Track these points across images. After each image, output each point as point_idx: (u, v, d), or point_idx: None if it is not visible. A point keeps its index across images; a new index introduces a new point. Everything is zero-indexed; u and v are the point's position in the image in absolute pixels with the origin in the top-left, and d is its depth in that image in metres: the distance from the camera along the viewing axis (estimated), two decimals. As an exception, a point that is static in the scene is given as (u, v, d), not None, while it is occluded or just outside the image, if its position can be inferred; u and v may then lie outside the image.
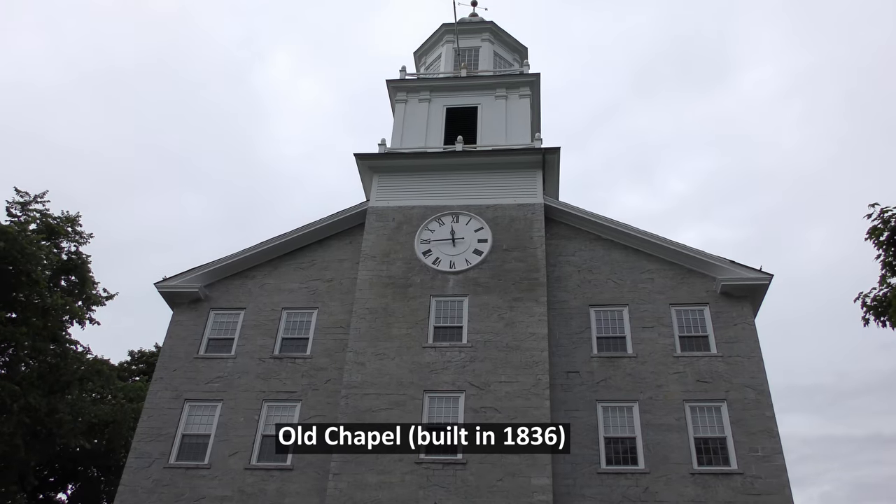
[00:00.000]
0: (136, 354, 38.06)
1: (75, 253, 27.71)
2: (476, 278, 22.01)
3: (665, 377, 20.26)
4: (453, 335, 21.10)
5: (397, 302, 21.73)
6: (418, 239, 22.99)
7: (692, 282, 21.98)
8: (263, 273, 23.61)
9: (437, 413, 19.73)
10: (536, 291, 21.51)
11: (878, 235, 13.51)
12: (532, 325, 20.88)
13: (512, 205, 23.39)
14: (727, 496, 18.25)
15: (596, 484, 18.74)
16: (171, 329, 22.81)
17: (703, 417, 19.63)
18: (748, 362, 20.29)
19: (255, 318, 22.62)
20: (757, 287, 21.41)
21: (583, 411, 19.88)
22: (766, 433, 19.08)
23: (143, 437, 20.71)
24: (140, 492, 19.70)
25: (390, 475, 18.67)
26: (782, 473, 18.51)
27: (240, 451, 20.10)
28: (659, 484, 18.59)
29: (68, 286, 27.87)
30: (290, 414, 20.70)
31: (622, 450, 19.36)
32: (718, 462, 18.92)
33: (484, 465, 18.63)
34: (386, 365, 20.55)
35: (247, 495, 19.35)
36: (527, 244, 22.49)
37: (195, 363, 21.94)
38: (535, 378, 19.92)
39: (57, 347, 26.17)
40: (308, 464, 19.66)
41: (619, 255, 22.75)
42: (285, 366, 21.57)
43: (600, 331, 21.42)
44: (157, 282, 23.17)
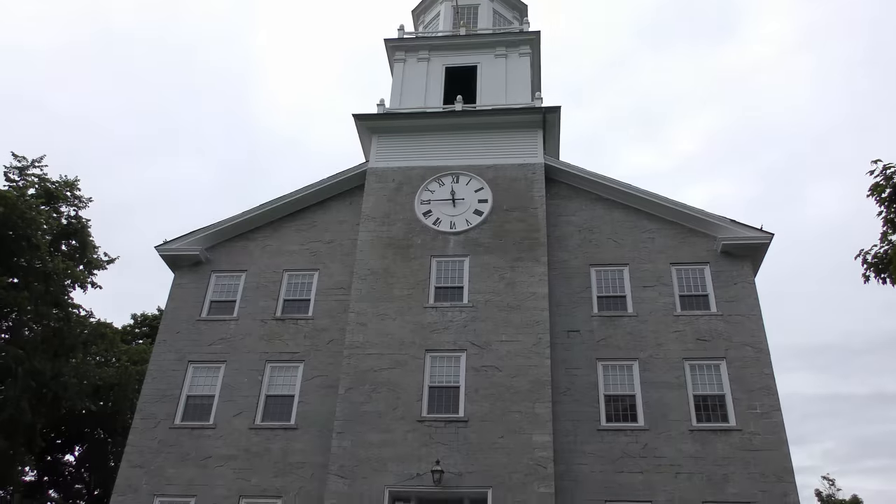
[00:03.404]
0: (138, 318, 38.27)
1: (75, 217, 27.71)
2: (476, 238, 22.01)
3: (665, 336, 20.39)
4: (454, 295, 21.18)
5: (398, 263, 21.77)
6: (418, 200, 22.93)
7: (693, 241, 21.98)
8: (264, 235, 23.61)
9: (439, 372, 19.91)
10: (537, 251, 21.53)
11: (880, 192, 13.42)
12: (532, 284, 20.94)
13: (512, 165, 23.28)
14: (725, 452, 18.51)
15: (596, 441, 18.99)
16: (172, 292, 22.89)
17: (702, 375, 19.80)
18: (748, 321, 20.40)
19: (256, 280, 22.69)
20: (758, 246, 21.42)
21: (583, 370, 20.05)
22: (765, 391, 19.27)
23: (148, 398, 20.93)
24: (147, 452, 19.98)
25: (393, 433, 18.91)
26: (780, 430, 18.73)
27: (244, 411, 20.33)
28: (658, 440, 18.83)
29: (69, 251, 27.93)
30: (293, 374, 20.89)
31: (622, 407, 19.57)
32: (717, 419, 19.14)
33: (485, 423, 18.85)
34: (387, 325, 20.67)
35: (252, 454, 19.63)
36: (527, 204, 22.45)
37: (198, 325, 22.07)
38: (535, 337, 20.05)
39: (60, 312, 26.31)
40: (311, 423, 19.89)
41: (620, 215, 22.71)
42: (287, 327, 21.70)
43: (601, 290, 21.49)
44: (157, 245, 23.19)
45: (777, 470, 18.13)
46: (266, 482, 19.19)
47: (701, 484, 18.13)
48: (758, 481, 18.02)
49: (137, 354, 31.41)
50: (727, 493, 17.97)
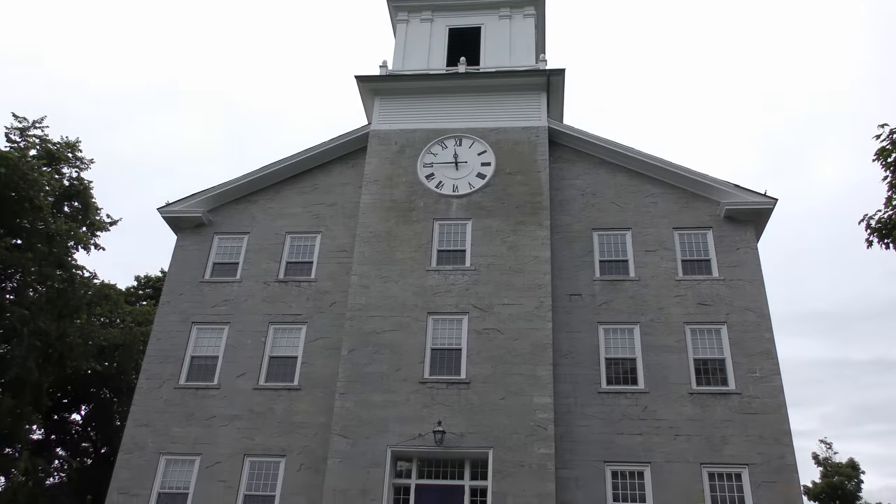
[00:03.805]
0: (142, 280, 38.42)
1: (77, 179, 27.66)
2: (479, 202, 21.97)
3: (666, 300, 20.45)
4: (456, 258, 21.22)
5: (400, 226, 21.77)
6: (421, 163, 22.84)
7: (696, 206, 21.92)
8: (266, 198, 23.58)
9: (441, 335, 20.04)
10: (539, 215, 21.50)
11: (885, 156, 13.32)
12: (535, 248, 20.96)
13: (515, 128, 23.13)
14: (724, 415, 18.69)
15: (596, 403, 19.18)
16: (175, 254, 22.96)
17: (702, 339, 19.91)
18: (749, 286, 20.44)
19: (258, 243, 22.72)
20: (761, 211, 21.36)
21: (584, 333, 20.16)
22: (765, 355, 19.39)
23: (153, 359, 21.13)
24: (152, 411, 20.24)
25: (395, 395, 19.11)
26: (779, 394, 18.89)
27: (248, 372, 20.52)
28: (658, 403, 19.02)
29: (71, 212, 27.94)
30: (297, 336, 21.04)
31: (622, 370, 19.73)
32: (717, 382, 19.30)
33: (487, 385, 19.03)
34: (390, 288, 20.75)
35: (256, 414, 19.87)
36: (530, 168, 22.35)
37: (201, 287, 22.17)
38: (537, 300, 20.13)
39: (63, 273, 26.42)
40: (315, 384, 20.10)
41: (624, 179, 22.62)
42: (290, 289, 21.79)
43: (603, 254, 21.50)
44: (160, 207, 23.18)
45: (775, 433, 18.33)
46: (270, 441, 19.46)
47: (699, 446, 18.35)
48: (756, 444, 18.23)
49: (141, 316, 31.59)
50: (725, 455, 18.20)
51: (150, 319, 28.64)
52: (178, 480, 19.33)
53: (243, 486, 19.04)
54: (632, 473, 18.31)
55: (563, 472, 18.21)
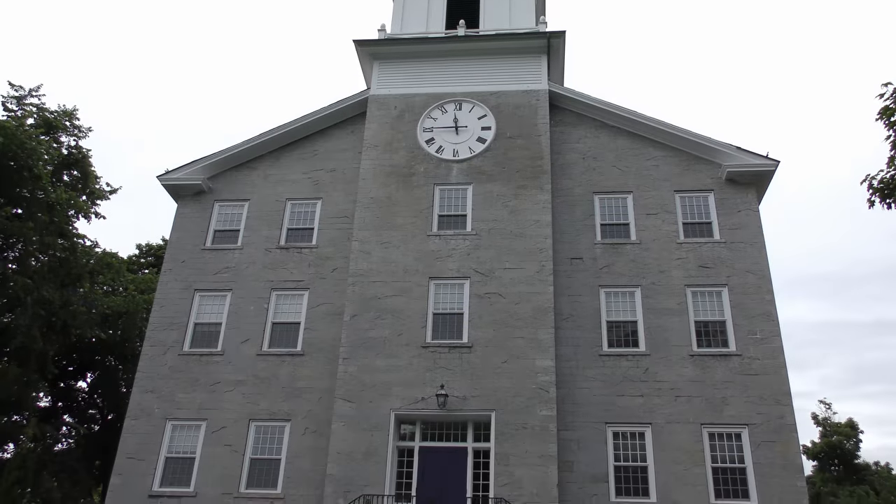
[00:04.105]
0: (143, 248, 38.44)
1: (75, 147, 27.53)
2: (480, 166, 21.89)
3: (668, 263, 20.49)
4: (457, 223, 21.21)
5: (401, 191, 21.73)
6: (421, 127, 22.71)
7: (697, 168, 21.84)
8: (266, 164, 23.50)
9: (443, 299, 20.12)
10: (540, 179, 21.44)
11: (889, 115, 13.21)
12: (536, 212, 20.94)
13: (516, 91, 22.94)
14: (725, 376, 18.85)
15: (598, 365, 19.34)
16: (176, 222, 22.95)
17: (703, 302, 20.00)
18: (751, 248, 20.46)
19: (259, 210, 22.71)
20: (762, 174, 21.28)
21: (586, 296, 20.24)
22: (765, 317, 19.48)
23: (157, 326, 21.25)
24: (157, 378, 20.42)
25: (398, 359, 19.26)
26: (779, 355, 19.03)
27: (251, 338, 20.65)
28: (659, 365, 19.17)
29: (71, 181, 27.86)
30: (299, 302, 21.13)
31: (624, 333, 19.84)
32: (717, 344, 19.43)
33: (489, 349, 19.17)
34: (391, 253, 20.78)
35: (260, 379, 20.06)
36: (531, 131, 22.22)
37: (203, 254, 22.21)
38: (538, 264, 20.17)
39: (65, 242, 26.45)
40: (318, 350, 20.24)
41: (625, 142, 22.51)
42: (292, 255, 21.83)
43: (604, 218, 21.49)
44: (159, 174, 23.12)
45: (775, 393, 18.50)
46: (275, 406, 19.67)
47: (700, 407, 18.54)
48: (756, 404, 18.42)
49: (144, 284, 31.68)
50: (725, 415, 18.40)
51: (153, 287, 28.73)
52: (184, 445, 19.59)
53: (249, 450, 19.29)
54: (633, 434, 18.53)
55: (564, 434, 18.43)
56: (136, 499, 18.90)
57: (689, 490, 17.66)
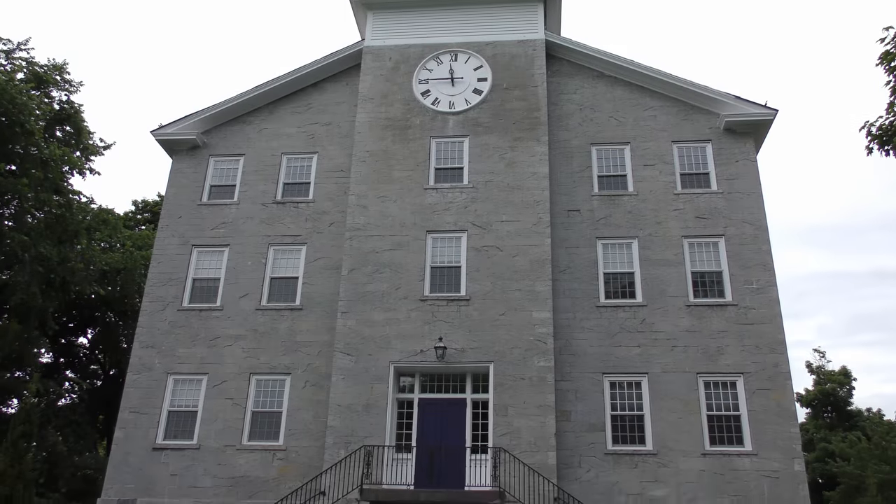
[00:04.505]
0: (139, 204, 38.31)
1: (67, 102, 27.19)
2: (476, 118, 21.69)
3: (665, 214, 20.48)
4: (454, 176, 21.11)
5: (397, 144, 21.57)
6: (416, 79, 22.42)
7: (695, 118, 21.67)
8: (260, 118, 23.25)
9: (440, 253, 20.15)
10: (537, 131, 21.28)
11: (889, 60, 12.99)
12: (533, 164, 20.83)
13: (512, 41, 22.59)
14: (721, 326, 19.02)
15: (595, 317, 19.47)
16: (171, 177, 22.81)
17: (700, 252, 20.05)
18: (748, 199, 20.42)
19: (255, 164, 22.55)
20: (761, 123, 21.13)
21: (583, 248, 20.28)
22: (762, 266, 19.56)
23: (155, 282, 21.30)
24: (157, 333, 20.55)
25: (396, 312, 19.37)
26: (775, 305, 19.16)
27: (250, 293, 20.73)
28: (656, 316, 19.31)
29: (64, 137, 27.60)
30: (297, 257, 21.15)
31: (621, 284, 19.94)
32: (714, 294, 19.55)
33: (487, 301, 19.28)
34: (388, 207, 20.73)
35: (259, 334, 20.19)
36: (527, 82, 21.96)
37: (199, 210, 22.13)
38: (536, 217, 20.15)
39: (61, 198, 26.31)
40: (317, 304, 20.34)
41: (622, 93, 22.27)
42: (289, 210, 21.77)
43: (601, 169, 21.39)
44: (153, 129, 22.89)
45: (770, 342, 18.70)
46: (275, 360, 19.85)
47: (696, 356, 18.75)
48: (751, 353, 18.62)
49: (141, 240, 31.65)
50: (720, 364, 18.61)
51: (150, 243, 28.72)
52: (186, 399, 19.82)
53: (251, 403, 19.53)
54: (629, 384, 18.77)
55: (562, 384, 18.66)
56: (141, 451, 19.20)
57: (685, 437, 17.98)
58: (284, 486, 18.19)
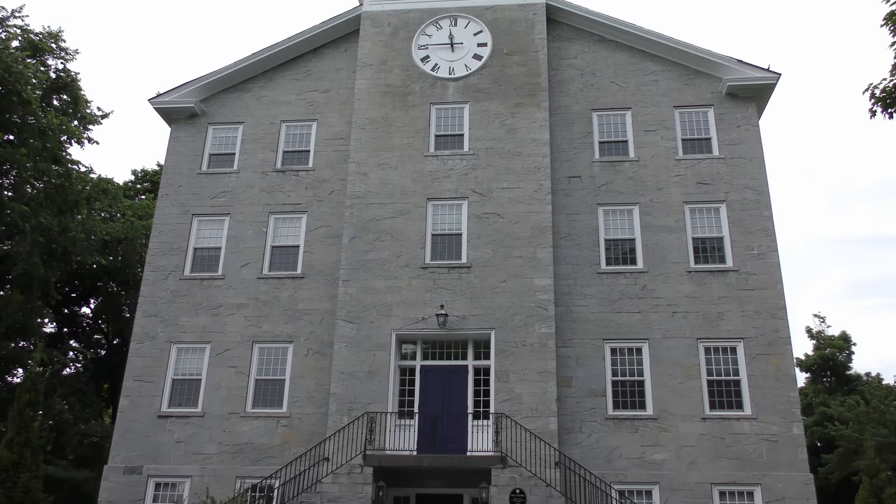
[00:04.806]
0: (139, 173, 38.16)
1: (63, 70, 26.91)
2: (476, 84, 21.50)
3: (666, 180, 20.40)
4: (454, 143, 21.00)
5: (397, 111, 21.41)
6: (415, 45, 22.17)
7: (697, 83, 21.48)
8: (259, 86, 23.05)
9: (441, 220, 20.13)
10: (538, 96, 21.10)
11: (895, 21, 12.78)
12: (534, 130, 20.70)
13: (512, 5, 22.28)
14: (721, 292, 19.06)
15: (595, 283, 19.51)
16: (170, 146, 22.69)
17: (701, 218, 20.02)
18: (750, 164, 20.33)
19: (254, 132, 22.42)
20: (763, 87, 20.95)
21: (584, 215, 20.24)
22: (763, 232, 19.54)
23: (156, 251, 21.31)
24: (160, 303, 20.61)
25: (398, 280, 19.42)
26: (776, 270, 19.18)
27: (251, 261, 20.75)
28: (656, 282, 19.34)
29: (61, 106, 27.37)
30: (297, 225, 21.13)
31: (622, 251, 19.94)
32: (715, 260, 19.56)
33: (488, 268, 19.30)
34: (388, 175, 20.65)
35: (261, 302, 20.25)
36: (528, 47, 21.72)
37: (199, 179, 22.05)
38: (536, 184, 20.08)
39: (60, 168, 26.16)
40: (318, 272, 20.37)
41: (624, 57, 22.03)
42: (289, 179, 21.69)
43: (602, 135, 21.26)
44: (151, 98, 22.72)
45: (770, 308, 18.76)
46: (277, 328, 19.93)
47: (696, 322, 18.82)
48: (751, 319, 18.69)
49: (142, 209, 31.57)
50: (721, 330, 18.70)
51: (151, 213, 28.65)
52: (190, 367, 19.96)
53: (254, 371, 19.67)
54: (630, 350, 18.88)
55: (563, 350, 18.76)
56: (146, 419, 19.39)
57: (685, 402, 18.12)
58: (289, 453, 18.40)
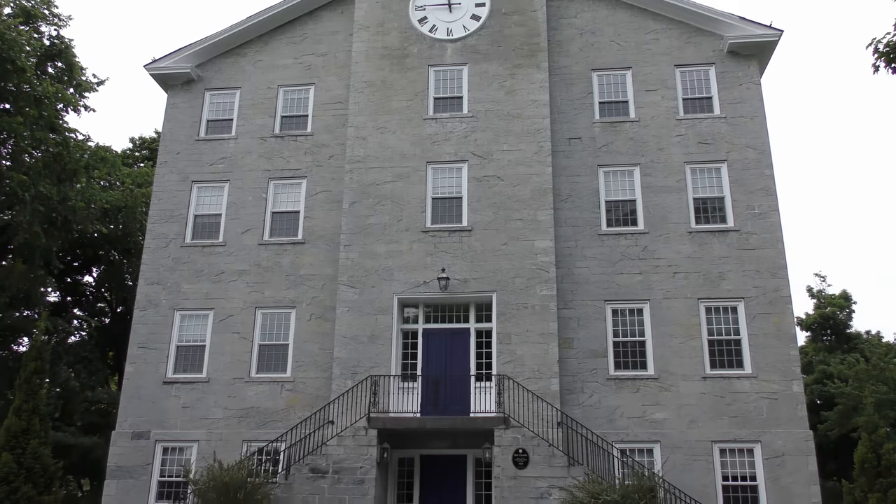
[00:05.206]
0: (137, 141, 37.93)
1: (57, 37, 26.57)
2: (475, 45, 21.25)
3: (667, 140, 20.28)
4: (454, 105, 20.83)
5: (395, 74, 21.20)
6: (413, 6, 21.85)
7: (699, 41, 21.22)
8: (255, 50, 22.79)
9: (441, 183, 20.08)
10: (537, 57, 20.87)
11: (898, -24, 12.59)
12: (533, 92, 20.52)
13: (511, -36, 21.89)
14: (722, 252, 19.08)
15: (596, 245, 19.52)
16: (167, 112, 22.54)
17: (702, 178, 19.95)
18: (751, 122, 20.19)
19: (251, 98, 22.23)
20: (765, 44, 20.69)
21: (584, 177, 20.17)
22: (764, 191, 19.48)
23: (157, 219, 21.30)
24: (162, 270, 20.67)
25: (399, 244, 19.43)
26: (777, 229, 19.17)
27: (252, 228, 20.75)
28: (657, 243, 19.35)
29: (56, 73, 27.07)
30: (297, 191, 21.09)
31: (622, 212, 19.92)
32: (716, 220, 19.54)
33: (488, 231, 19.30)
34: (388, 138, 20.54)
35: (263, 268, 20.30)
36: (526, 7, 21.40)
37: (197, 145, 21.95)
38: (536, 146, 19.98)
39: (57, 136, 26.01)
40: (319, 237, 20.38)
41: (624, 15, 21.74)
42: (287, 144, 21.58)
43: (602, 96, 21.08)
44: (146, 63, 22.50)
45: (771, 267, 18.79)
46: (279, 294, 20.01)
47: (697, 282, 18.87)
48: (752, 278, 18.74)
49: (141, 177, 31.44)
50: (722, 289, 18.76)
51: (150, 181, 28.55)
52: (193, 334, 20.10)
53: (257, 337, 19.80)
54: (631, 311, 18.97)
55: (564, 312, 18.85)
56: (152, 385, 19.58)
57: (686, 362, 18.26)
58: (294, 416, 18.61)
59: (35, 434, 16.48)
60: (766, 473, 17.22)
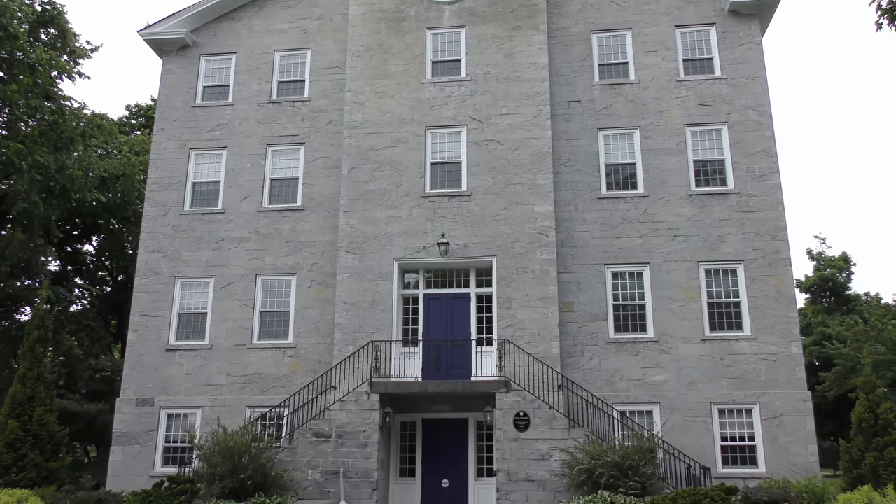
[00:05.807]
0: (133, 108, 37.65)
1: (49, 3, 26.21)
2: (472, 7, 20.96)
3: (667, 102, 20.12)
4: (452, 69, 20.61)
5: (392, 37, 20.95)
6: (410, -33, 21.50)
7: (699, 0, 20.92)
8: (249, 14, 22.48)
9: (440, 148, 19.96)
10: (536, 19, 20.60)
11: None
12: (532, 54, 20.29)
13: (509, -77, 21.49)
14: (722, 214, 19.05)
15: (596, 209, 19.48)
16: (163, 79, 22.31)
17: (703, 141, 19.83)
18: (752, 83, 20.01)
19: (247, 63, 22.00)
20: (767, 3, 20.40)
21: (584, 140, 20.05)
22: (765, 153, 19.38)
23: (155, 187, 21.22)
24: (162, 238, 20.66)
25: (398, 210, 19.40)
26: (777, 191, 19.12)
27: (251, 195, 20.69)
28: (657, 206, 19.31)
29: (49, 40, 26.76)
30: (295, 157, 20.97)
31: (622, 175, 19.84)
32: (716, 183, 19.47)
33: (488, 196, 19.25)
34: (386, 103, 20.37)
35: (263, 235, 20.29)
36: (526, -33, 21.05)
37: (194, 112, 21.77)
38: (536, 109, 19.82)
39: (52, 104, 25.82)
40: (318, 204, 20.33)
41: (624, -25, 21.40)
42: (285, 110, 21.41)
43: (602, 58, 20.85)
44: (140, 29, 22.22)
45: (771, 229, 18.77)
46: (279, 261, 20.03)
47: (697, 245, 18.88)
48: (752, 240, 18.74)
49: (138, 145, 31.28)
50: (722, 252, 18.77)
51: (147, 148, 28.41)
52: (195, 301, 20.16)
53: (258, 304, 19.87)
54: (631, 274, 19.00)
55: (564, 276, 18.89)
56: (154, 352, 19.71)
57: (686, 324, 18.35)
58: (296, 382, 18.76)
59: (40, 401, 16.63)
60: (765, 433, 17.42)
